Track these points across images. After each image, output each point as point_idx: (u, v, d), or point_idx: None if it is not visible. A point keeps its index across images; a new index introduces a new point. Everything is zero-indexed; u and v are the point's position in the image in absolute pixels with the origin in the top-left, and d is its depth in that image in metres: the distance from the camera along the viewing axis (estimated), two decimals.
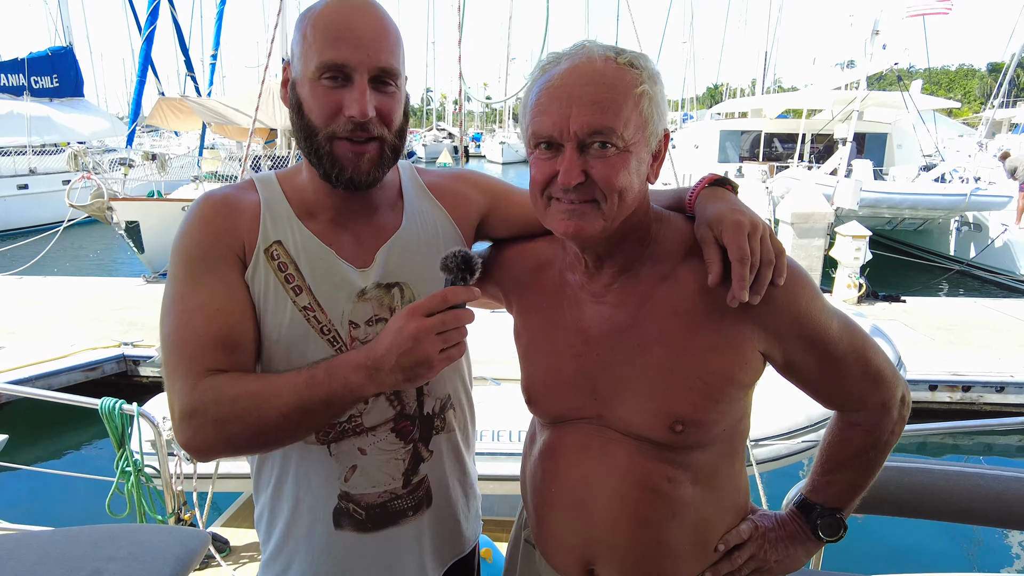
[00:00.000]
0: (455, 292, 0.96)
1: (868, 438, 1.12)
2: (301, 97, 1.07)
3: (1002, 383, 6.26)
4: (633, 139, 0.96)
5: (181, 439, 1.01)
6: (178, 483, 2.96)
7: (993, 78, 31.96)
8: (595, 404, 1.10)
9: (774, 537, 1.17)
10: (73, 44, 21.23)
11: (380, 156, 1.09)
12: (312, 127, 1.06)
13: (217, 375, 1.01)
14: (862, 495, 1.19)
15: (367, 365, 0.96)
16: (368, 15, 1.06)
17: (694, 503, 1.08)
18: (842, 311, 1.08)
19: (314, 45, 1.03)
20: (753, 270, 0.96)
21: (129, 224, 10.40)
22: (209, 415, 0.98)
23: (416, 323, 0.94)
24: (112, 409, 2.74)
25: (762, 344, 1.04)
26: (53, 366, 6.27)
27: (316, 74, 1.04)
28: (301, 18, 1.07)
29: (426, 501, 1.24)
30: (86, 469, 3.31)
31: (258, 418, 0.98)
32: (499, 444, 3.29)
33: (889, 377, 1.09)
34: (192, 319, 1.04)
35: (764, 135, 17.87)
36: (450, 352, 0.96)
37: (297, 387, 0.98)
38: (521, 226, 1.28)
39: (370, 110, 1.04)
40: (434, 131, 50.01)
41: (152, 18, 13.56)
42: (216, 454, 1.04)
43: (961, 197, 11.67)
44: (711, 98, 54.96)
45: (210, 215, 1.10)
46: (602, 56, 0.96)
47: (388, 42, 1.06)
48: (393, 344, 0.94)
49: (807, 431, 3.55)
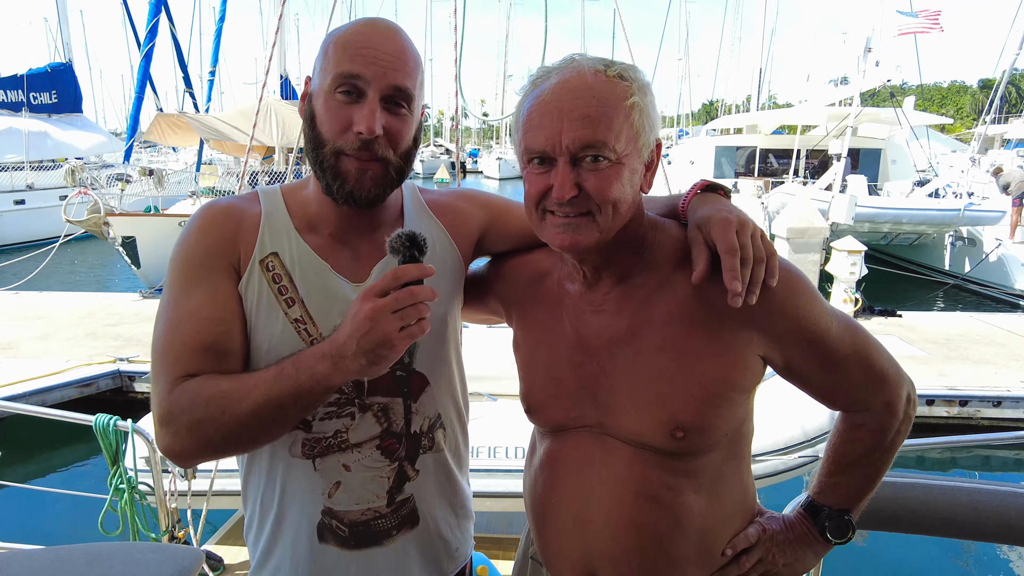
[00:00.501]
0: (406, 270, 0.95)
1: (874, 438, 1.12)
2: (315, 109, 1.09)
3: (999, 397, 6.26)
4: (625, 151, 0.97)
5: (161, 445, 1.01)
6: (172, 500, 2.93)
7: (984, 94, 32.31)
8: (596, 412, 1.10)
9: (782, 540, 1.16)
10: (72, 61, 21.36)
11: (384, 176, 1.10)
12: (321, 139, 1.08)
13: (192, 379, 1.02)
14: (870, 496, 1.18)
15: (331, 354, 0.96)
16: (390, 35, 1.08)
17: (698, 511, 1.08)
18: (843, 312, 1.08)
19: (332, 59, 1.06)
20: (745, 264, 0.96)
21: (125, 239, 10.40)
22: (184, 418, 0.99)
23: (371, 304, 0.93)
24: (106, 426, 2.72)
25: (762, 348, 1.04)
26: (47, 382, 6.22)
27: (332, 86, 1.06)
28: (328, 39, 1.10)
29: (411, 521, 1.23)
30: (79, 486, 3.28)
31: (231, 416, 0.98)
32: (496, 460, 3.27)
33: (893, 376, 1.09)
34: (180, 326, 1.05)
35: (759, 151, 18.01)
36: (411, 330, 0.95)
37: (267, 382, 0.99)
38: (521, 239, 1.29)
39: (378, 128, 1.05)
40: (431, 147, 50.30)
41: (151, 35, 13.65)
42: (196, 457, 1.04)
43: (955, 212, 11.75)
44: (706, 114, 55.38)
45: (208, 225, 1.11)
46: (591, 69, 0.97)
47: (405, 63, 1.08)
48: (352, 329, 0.94)
49: (803, 446, 3.54)
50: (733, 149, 18.51)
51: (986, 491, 1.45)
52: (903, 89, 21.10)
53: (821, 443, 3.60)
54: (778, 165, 17.74)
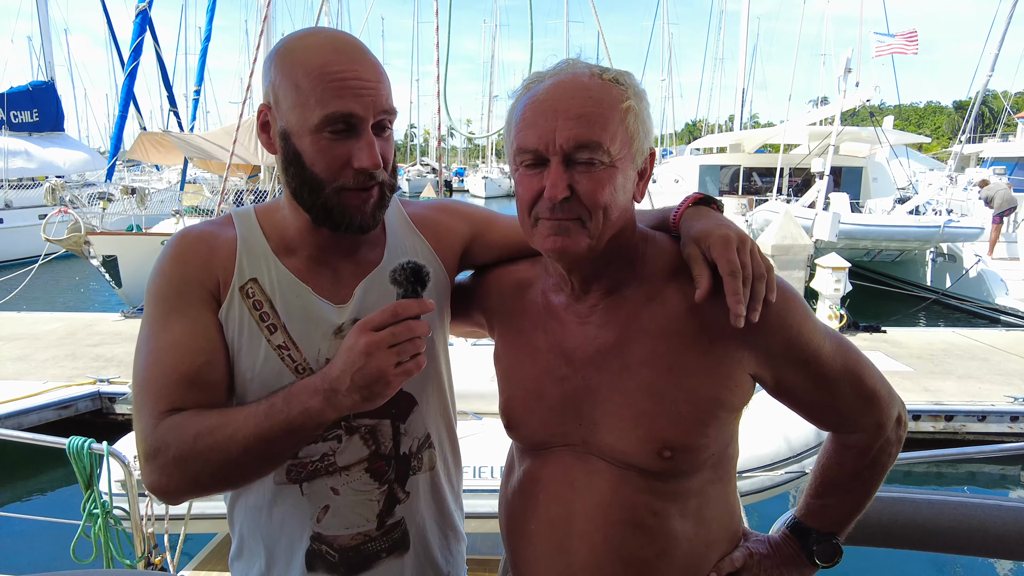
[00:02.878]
0: (405, 305, 0.92)
1: (863, 459, 1.09)
2: (300, 149, 1.03)
3: (983, 412, 6.30)
4: (619, 155, 0.95)
5: (147, 482, 0.97)
6: (149, 525, 2.86)
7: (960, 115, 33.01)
8: (580, 430, 1.06)
9: (769, 564, 1.13)
10: (55, 79, 21.23)
11: (381, 198, 1.09)
12: (318, 180, 1.03)
13: (178, 413, 0.98)
14: (858, 518, 1.16)
15: (323, 388, 0.94)
16: (363, 59, 1.03)
17: (684, 537, 1.04)
18: (835, 330, 1.06)
19: (314, 96, 0.99)
20: (746, 283, 0.94)
21: (107, 258, 10.28)
22: (171, 454, 0.95)
23: (366, 338, 0.91)
24: (80, 448, 2.65)
25: (752, 367, 1.02)
26: (24, 404, 6.07)
27: (321, 127, 1.00)
28: (286, 63, 1.03)
29: (402, 544, 1.19)
30: (54, 512, 3.19)
31: (220, 453, 0.95)
32: (482, 480, 3.23)
33: (884, 397, 1.07)
34: (161, 358, 1.02)
35: (743, 169, 18.24)
36: (407, 366, 0.92)
37: (257, 417, 0.96)
38: (505, 251, 1.27)
39: (379, 159, 1.03)
40: (418, 166, 50.41)
41: (135, 54, 13.61)
42: (183, 495, 1.00)
43: (935, 229, 11.93)
44: (689, 134, 56.09)
45: (184, 253, 1.08)
46: (587, 72, 0.96)
47: (383, 82, 1.05)
48: (346, 363, 0.92)
49: (789, 462, 3.53)
50: (717, 168, 18.74)
51: (972, 505, 1.44)
52: (882, 109, 21.51)
53: (808, 458, 3.60)
54: (762, 183, 17.97)
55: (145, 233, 11.29)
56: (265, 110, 1.08)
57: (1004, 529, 1.40)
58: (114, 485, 2.79)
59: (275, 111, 1.06)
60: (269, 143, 1.09)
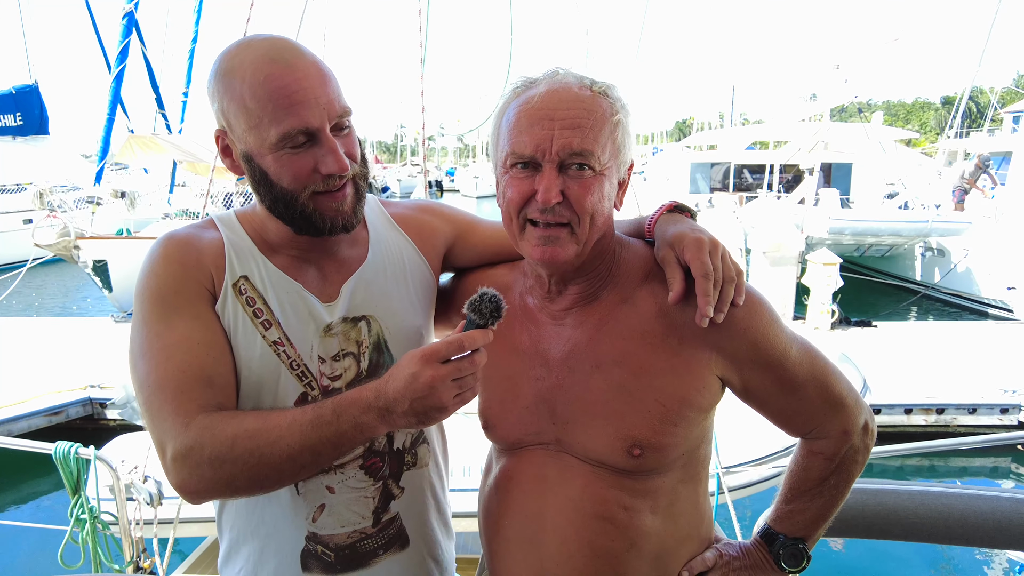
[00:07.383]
0: (472, 337, 0.92)
1: (830, 466, 1.12)
2: (265, 168, 1.03)
3: (974, 404, 6.36)
4: (607, 164, 0.99)
5: (175, 481, 0.96)
6: (137, 529, 2.84)
7: (947, 110, 33.25)
8: (554, 428, 1.09)
9: (739, 566, 1.15)
10: (39, 82, 21.03)
11: (356, 193, 1.10)
12: (288, 194, 1.04)
13: (211, 413, 0.98)
14: (826, 525, 1.17)
15: (378, 407, 0.94)
16: (303, 63, 1.01)
17: (654, 532, 1.06)
18: (802, 336, 1.08)
19: (265, 116, 0.99)
20: (717, 286, 0.97)
21: (97, 263, 10.20)
22: (205, 454, 0.94)
23: (432, 371, 0.91)
24: (66, 454, 2.63)
25: (720, 368, 1.04)
26: (14, 411, 6.03)
27: (280, 144, 1.00)
28: (228, 85, 1.01)
29: (398, 540, 1.20)
30: (41, 519, 3.16)
31: (260, 458, 0.94)
32: (470, 479, 3.23)
33: (851, 404, 1.09)
34: (173, 355, 1.01)
35: (734, 166, 18.28)
36: (463, 396, 0.94)
37: (303, 427, 0.95)
38: (487, 254, 1.29)
39: (345, 161, 1.04)
40: (408, 166, 50.35)
41: (122, 56, 13.50)
42: (212, 495, 1.00)
43: (924, 223, 12.02)
44: (679, 131, 56.26)
45: (175, 253, 1.08)
46: (578, 84, 0.99)
47: (332, 83, 1.04)
48: (407, 389, 0.92)
49: (780, 456, 3.54)
50: (708, 165, 18.77)
51: (954, 495, 1.45)
52: (870, 105, 21.65)
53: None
54: (752, 180, 18.01)
55: (135, 237, 11.21)
56: (221, 135, 1.07)
57: (984, 518, 1.41)
58: (102, 490, 2.77)
59: (231, 135, 1.05)
60: (234, 166, 1.09)
